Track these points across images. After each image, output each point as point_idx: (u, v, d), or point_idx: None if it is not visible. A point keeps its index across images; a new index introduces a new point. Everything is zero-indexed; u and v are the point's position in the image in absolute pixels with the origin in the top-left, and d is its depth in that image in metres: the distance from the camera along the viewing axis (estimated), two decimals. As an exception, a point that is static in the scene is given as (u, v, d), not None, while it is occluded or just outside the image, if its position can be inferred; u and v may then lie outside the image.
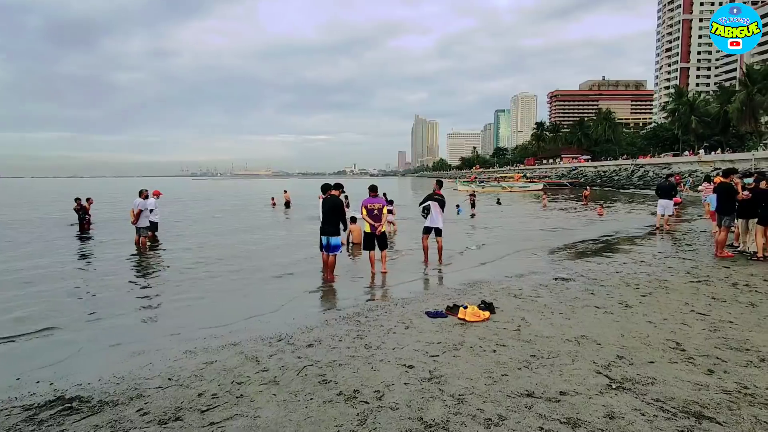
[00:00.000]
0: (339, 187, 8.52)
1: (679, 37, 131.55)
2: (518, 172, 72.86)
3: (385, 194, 11.56)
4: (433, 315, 5.59)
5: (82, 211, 16.87)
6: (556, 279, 7.59)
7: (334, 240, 8.07)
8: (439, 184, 9.68)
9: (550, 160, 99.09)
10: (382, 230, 8.63)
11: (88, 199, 18.71)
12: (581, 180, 58.23)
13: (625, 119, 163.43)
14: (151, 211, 13.81)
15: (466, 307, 5.52)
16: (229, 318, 5.86)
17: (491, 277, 7.86)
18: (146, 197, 12.74)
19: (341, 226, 8.17)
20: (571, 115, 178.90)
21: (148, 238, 13.36)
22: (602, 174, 64.76)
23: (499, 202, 28.73)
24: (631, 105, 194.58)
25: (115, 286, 7.94)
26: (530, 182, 52.70)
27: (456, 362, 4.09)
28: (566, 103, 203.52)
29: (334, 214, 8.03)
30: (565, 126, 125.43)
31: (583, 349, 4.35)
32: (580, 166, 75.17)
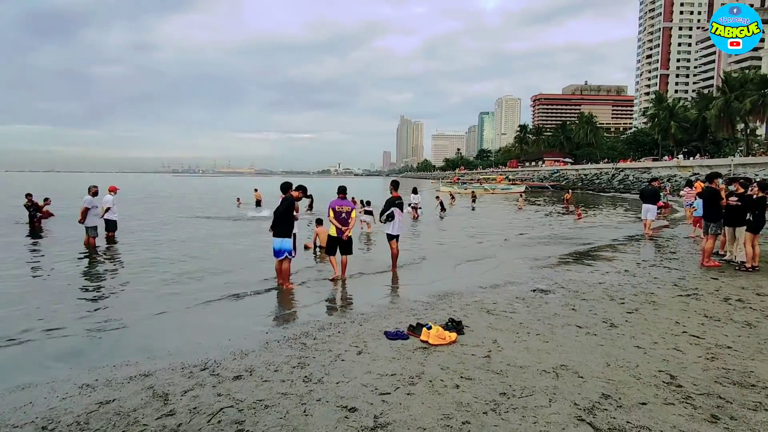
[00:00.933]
0: (301, 188, 7.84)
1: (659, 45, 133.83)
2: (501, 174, 72.81)
3: (353, 197, 10.68)
4: (393, 336, 4.85)
5: (33, 208, 15.72)
6: (534, 291, 6.92)
7: (284, 243, 7.25)
8: (396, 185, 8.95)
9: (533, 163, 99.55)
10: (349, 235, 7.95)
11: (45, 200, 17.66)
12: (563, 183, 58.35)
13: (607, 124, 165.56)
14: (107, 209, 12.84)
15: (430, 328, 4.79)
16: (157, 339, 5.03)
17: (464, 288, 7.15)
18: (95, 194, 11.72)
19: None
20: (554, 118, 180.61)
21: (108, 237, 12.43)
22: (583, 177, 65.09)
23: (473, 209, 28.19)
24: (612, 110, 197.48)
25: (33, 298, 6.98)
26: (512, 184, 52.45)
27: (409, 403, 3.34)
28: (549, 106, 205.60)
29: (286, 214, 7.27)
30: (548, 129, 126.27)
31: (562, 384, 3.64)
32: (561, 170, 75.52)
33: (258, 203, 24.25)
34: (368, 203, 15.66)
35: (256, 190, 25.92)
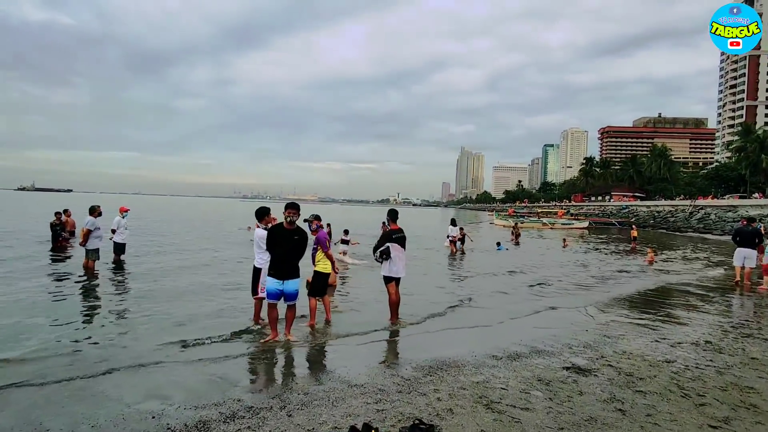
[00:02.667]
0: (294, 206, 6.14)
1: (745, 74, 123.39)
2: (562, 208, 68.31)
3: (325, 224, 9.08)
4: (319, 445, 3.16)
5: (60, 227, 15.52)
6: (568, 368, 4.92)
7: (291, 285, 5.69)
8: (394, 216, 7.14)
9: (600, 198, 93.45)
10: (316, 269, 6.79)
11: (65, 211, 17.20)
12: (632, 220, 53.44)
13: (683, 158, 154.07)
14: (113, 231, 12.22)
15: (374, 439, 3.06)
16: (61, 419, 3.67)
17: (469, 354, 5.29)
18: (99, 214, 11.04)
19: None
20: (623, 151, 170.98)
21: (114, 260, 11.82)
22: (656, 214, 59.41)
23: (517, 243, 25.86)
24: (690, 143, 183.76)
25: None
26: (574, 219, 48.61)
27: None
28: (618, 139, 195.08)
29: (296, 250, 5.70)
30: (617, 163, 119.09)
31: None
32: (631, 205, 69.76)
33: None
34: (346, 232, 15.06)
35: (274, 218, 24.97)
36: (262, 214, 6.64)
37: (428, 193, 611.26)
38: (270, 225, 6.49)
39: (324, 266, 6.67)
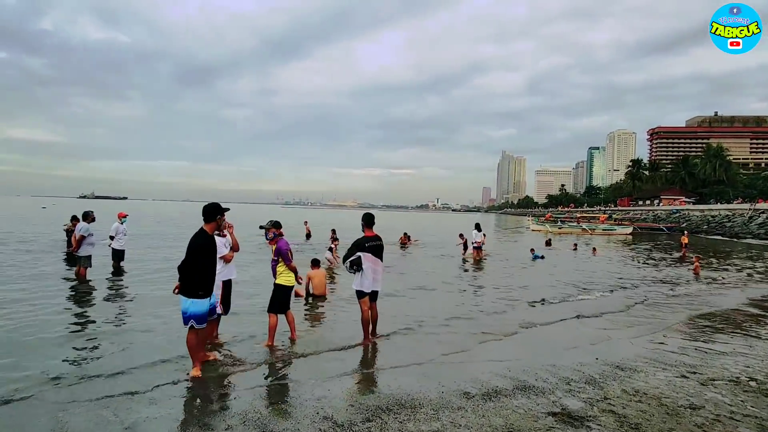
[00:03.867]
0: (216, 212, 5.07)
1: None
2: (605, 212, 64.67)
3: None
4: None
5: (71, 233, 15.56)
6: (555, 414, 3.85)
7: (183, 303, 4.69)
8: (368, 221, 6.17)
9: (647, 202, 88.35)
10: (278, 282, 5.97)
11: (84, 216, 17.14)
12: (683, 225, 49.79)
13: (743, 159, 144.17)
14: (111, 237, 11.99)
15: None
16: None
17: (436, 389, 4.30)
18: (93, 220, 10.69)
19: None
20: (675, 153, 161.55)
21: (113, 267, 11.59)
22: (710, 219, 55.18)
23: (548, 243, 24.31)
24: (751, 143, 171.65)
25: None
26: (617, 224, 45.61)
27: None
28: (669, 140, 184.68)
29: (193, 260, 4.69)
30: (667, 165, 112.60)
31: None
32: (682, 209, 65.22)
33: (308, 236, 22.90)
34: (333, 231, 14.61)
35: (305, 222, 24.66)
36: (213, 214, 5.12)
37: (468, 198, 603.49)
38: (223, 230, 5.71)
39: (287, 279, 5.86)
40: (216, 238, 5.56)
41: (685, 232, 28.88)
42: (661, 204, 79.75)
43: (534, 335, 6.82)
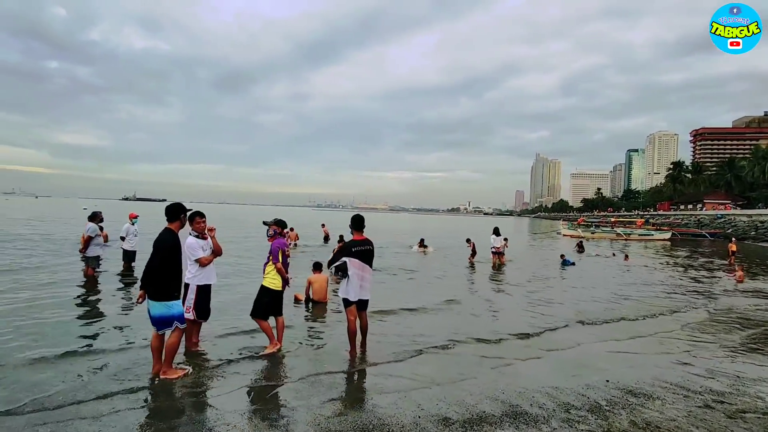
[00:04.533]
0: (180, 212, 4.97)
1: None
2: (641, 217, 61.80)
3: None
4: None
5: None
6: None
7: (158, 307, 4.55)
8: (357, 223, 5.67)
9: (689, 206, 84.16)
10: (264, 283, 5.63)
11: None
12: (728, 231, 46.97)
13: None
14: (122, 238, 12.02)
15: None
16: None
17: (413, 413, 3.81)
18: (100, 221, 10.66)
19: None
20: (719, 155, 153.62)
21: (124, 268, 11.61)
22: (758, 225, 51.87)
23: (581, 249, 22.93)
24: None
25: None
26: (655, 229, 43.40)
27: None
28: (714, 141, 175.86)
29: (162, 258, 4.58)
30: (711, 168, 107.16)
31: None
32: (727, 214, 61.66)
33: (326, 238, 22.63)
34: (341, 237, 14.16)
35: (323, 225, 24.44)
36: (177, 213, 4.95)
37: (500, 201, 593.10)
38: (204, 233, 5.42)
39: (272, 281, 5.47)
40: (196, 240, 5.36)
41: (732, 238, 26.97)
42: (704, 208, 75.78)
43: (539, 350, 6.20)
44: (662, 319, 8.44)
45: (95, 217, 10.75)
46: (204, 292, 5.51)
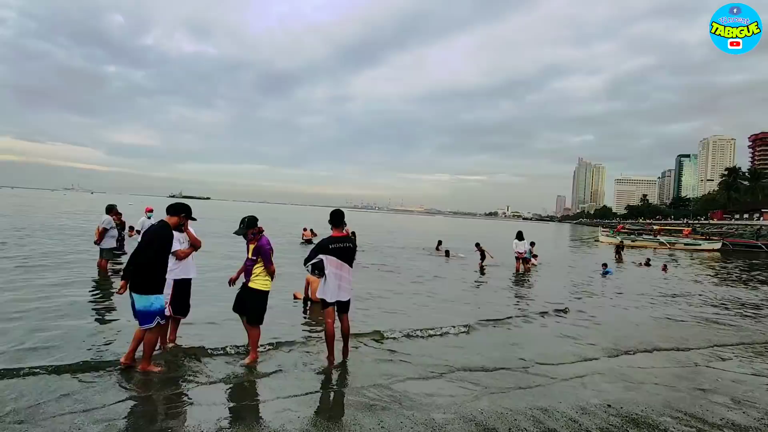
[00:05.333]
0: (181, 210, 4.99)
1: None
2: (688, 225, 58.26)
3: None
4: None
5: (120, 226, 16.08)
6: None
7: (142, 301, 4.50)
8: (335, 219, 5.30)
9: (745, 215, 78.88)
10: (253, 286, 4.99)
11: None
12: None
13: None
14: (138, 231, 12.18)
15: None
16: None
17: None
18: (118, 214, 10.80)
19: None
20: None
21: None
22: (824, 237, 47.77)
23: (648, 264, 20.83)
24: None
25: None
26: (703, 239, 40.69)
27: None
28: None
29: (156, 251, 4.59)
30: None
31: None
32: (788, 225, 57.15)
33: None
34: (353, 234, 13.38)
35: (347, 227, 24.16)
36: (179, 211, 5.04)
37: (541, 206, 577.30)
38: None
39: (265, 283, 5.01)
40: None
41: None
42: (762, 218, 70.70)
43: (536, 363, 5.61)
44: (692, 335, 7.59)
45: (111, 210, 10.96)
46: (181, 286, 5.30)
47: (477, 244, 17.77)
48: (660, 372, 5.55)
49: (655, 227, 51.80)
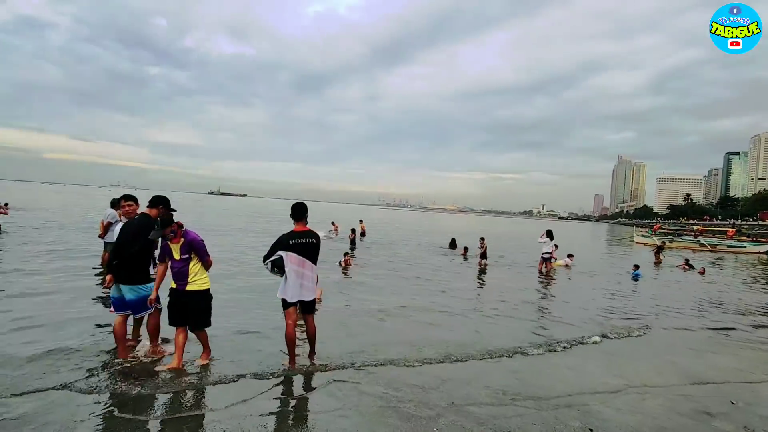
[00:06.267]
0: (160, 202, 4.87)
1: None
2: (733, 227, 54.88)
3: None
4: None
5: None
6: None
7: (134, 291, 4.65)
8: (297, 212, 4.84)
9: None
10: (193, 288, 4.58)
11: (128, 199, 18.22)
12: None
13: None
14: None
15: None
16: None
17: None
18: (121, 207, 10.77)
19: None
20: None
21: None
22: None
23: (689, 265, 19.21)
24: None
25: None
26: (750, 240, 38.14)
27: None
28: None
29: (142, 242, 4.70)
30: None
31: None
32: None
33: (362, 234, 22.50)
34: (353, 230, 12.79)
35: (361, 222, 24.16)
36: (157, 203, 4.96)
37: (577, 205, 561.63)
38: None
39: (204, 281, 4.64)
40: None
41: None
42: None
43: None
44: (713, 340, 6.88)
45: (116, 204, 10.96)
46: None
47: (481, 239, 16.71)
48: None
49: (695, 228, 49.09)
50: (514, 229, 61.62)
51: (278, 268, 4.69)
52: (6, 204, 18.18)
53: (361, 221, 24.24)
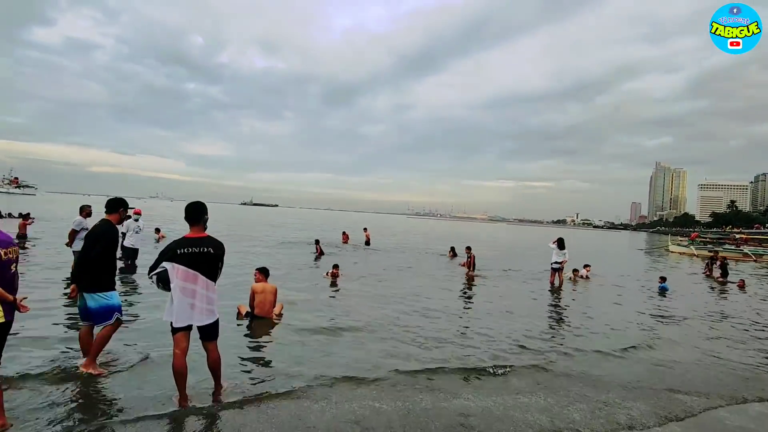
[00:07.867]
0: (120, 205, 4.89)
1: None
2: (780, 236, 51.63)
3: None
4: None
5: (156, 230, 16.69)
6: None
7: (97, 299, 4.51)
8: (190, 215, 4.04)
9: None
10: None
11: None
12: None
13: None
14: (123, 234, 11.32)
15: None
16: None
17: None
18: (88, 215, 9.63)
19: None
20: None
21: (125, 264, 11.28)
22: None
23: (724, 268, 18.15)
24: None
25: None
26: (798, 250, 35.77)
27: None
28: None
29: (104, 248, 4.61)
30: None
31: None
32: None
33: (367, 242, 22.77)
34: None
35: (365, 229, 24.32)
36: (116, 206, 4.88)
37: (613, 214, 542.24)
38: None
39: None
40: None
41: None
42: None
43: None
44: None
45: (82, 211, 9.72)
46: None
47: (468, 248, 16.04)
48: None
49: (738, 236, 46.50)
50: (547, 239, 59.95)
51: (163, 283, 3.88)
52: (28, 214, 18.45)
53: (365, 229, 24.69)
